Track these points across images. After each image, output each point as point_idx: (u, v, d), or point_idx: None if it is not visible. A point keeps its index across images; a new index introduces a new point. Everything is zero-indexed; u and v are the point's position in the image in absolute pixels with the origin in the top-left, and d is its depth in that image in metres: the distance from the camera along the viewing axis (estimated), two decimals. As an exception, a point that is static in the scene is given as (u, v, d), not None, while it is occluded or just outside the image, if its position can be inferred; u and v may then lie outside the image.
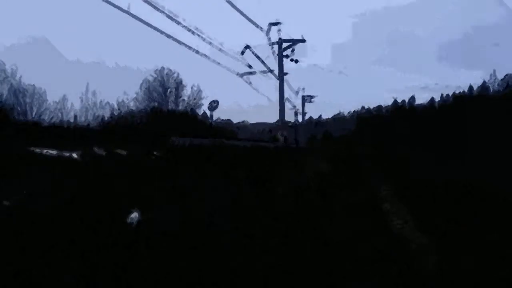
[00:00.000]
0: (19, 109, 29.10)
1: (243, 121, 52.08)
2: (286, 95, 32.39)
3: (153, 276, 4.03)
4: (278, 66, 30.78)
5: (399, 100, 53.78)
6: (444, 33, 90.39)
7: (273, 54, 30.57)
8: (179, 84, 38.26)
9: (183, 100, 38.46)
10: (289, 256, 4.91)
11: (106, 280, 3.80)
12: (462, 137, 20.11)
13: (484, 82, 39.11)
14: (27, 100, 31.14)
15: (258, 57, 28.90)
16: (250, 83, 29.68)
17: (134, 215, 5.15)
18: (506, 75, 36.34)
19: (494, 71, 39.51)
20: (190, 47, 22.09)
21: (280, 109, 31.48)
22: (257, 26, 28.38)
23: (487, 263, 4.96)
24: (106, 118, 34.19)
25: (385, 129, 31.89)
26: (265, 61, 29.65)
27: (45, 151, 6.64)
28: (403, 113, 37.03)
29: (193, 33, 21.75)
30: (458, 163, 15.00)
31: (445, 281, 4.60)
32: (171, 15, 19.42)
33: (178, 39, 20.93)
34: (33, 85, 31.50)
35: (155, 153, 9.41)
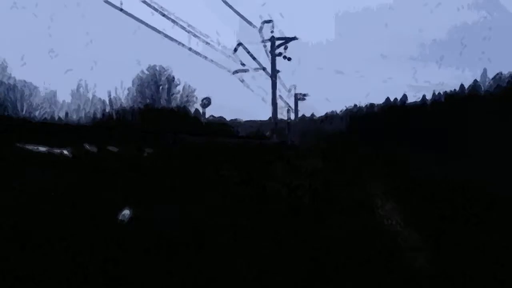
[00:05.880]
0: (9, 105, 28.82)
1: (236, 119, 51.98)
2: (278, 93, 32.40)
3: (145, 273, 4.01)
4: (271, 64, 30.75)
5: (391, 99, 54.11)
6: (432, 32, 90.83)
7: (266, 52, 30.55)
8: (171, 81, 38.12)
9: (176, 97, 38.33)
10: (282, 255, 4.91)
11: (97, 276, 3.77)
12: (454, 135, 20.26)
13: (476, 81, 39.44)
14: (18, 96, 30.83)
15: (251, 54, 28.87)
16: (243, 80, 29.64)
17: (126, 212, 5.13)
18: (497, 74, 36.66)
19: (485, 70, 39.84)
20: (183, 44, 21.96)
21: (272, 107, 31.50)
22: (250, 23, 28.33)
23: (481, 262, 5.00)
24: (98, 115, 34.04)
25: (377, 127, 32.04)
26: (258, 59, 29.62)
27: (35, 147, 6.57)
28: (395, 111, 37.21)
29: (187, 31, 21.64)
30: (453, 162, 15.10)
31: (438, 279, 4.63)
32: (163, 11, 19.30)
33: (170, 35, 20.79)
34: (24, 80, 31.21)
35: (147, 150, 9.37)
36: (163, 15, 19.26)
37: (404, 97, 50.37)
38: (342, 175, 13.12)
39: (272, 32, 30.23)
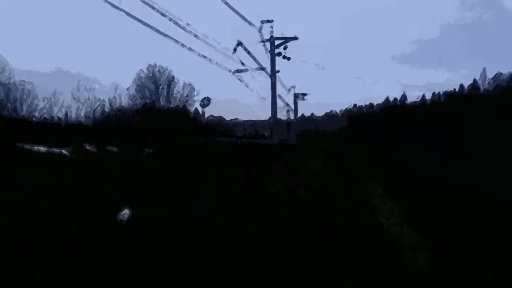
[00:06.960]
0: (9, 105, 28.81)
1: (235, 118, 52.01)
2: (278, 93, 32.41)
3: (145, 273, 4.00)
4: (271, 64, 30.76)
5: (391, 99, 54.20)
6: (432, 32, 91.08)
7: (266, 52, 30.55)
8: (171, 81, 38.10)
9: (176, 97, 38.31)
10: (282, 255, 4.91)
11: (97, 276, 3.77)
12: (454, 135, 20.26)
13: (475, 80, 39.47)
14: (18, 96, 30.83)
15: (250, 54, 28.89)
16: (242, 80, 29.66)
17: (125, 211, 5.13)
18: (496, 74, 36.66)
19: (484, 69, 39.91)
20: (183, 44, 22.00)
21: (272, 107, 31.52)
22: (249, 23, 28.34)
23: (481, 262, 4.99)
24: (97, 115, 34.02)
25: (376, 126, 32.01)
26: (258, 59, 29.64)
27: (35, 147, 6.58)
28: (395, 111, 37.17)
29: (187, 31, 21.67)
30: (453, 162, 15.08)
31: (438, 279, 4.63)
32: (163, 11, 19.33)
33: (170, 35, 20.83)
34: (24, 80, 31.21)
35: (146, 150, 9.38)
36: (163, 15, 19.29)
37: (404, 97, 50.42)
38: (342, 175, 13.12)
39: (271, 31, 30.26)
